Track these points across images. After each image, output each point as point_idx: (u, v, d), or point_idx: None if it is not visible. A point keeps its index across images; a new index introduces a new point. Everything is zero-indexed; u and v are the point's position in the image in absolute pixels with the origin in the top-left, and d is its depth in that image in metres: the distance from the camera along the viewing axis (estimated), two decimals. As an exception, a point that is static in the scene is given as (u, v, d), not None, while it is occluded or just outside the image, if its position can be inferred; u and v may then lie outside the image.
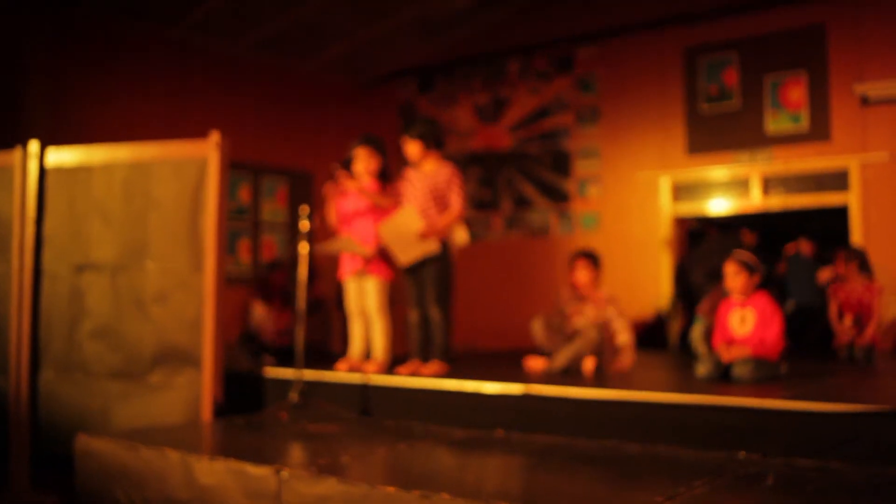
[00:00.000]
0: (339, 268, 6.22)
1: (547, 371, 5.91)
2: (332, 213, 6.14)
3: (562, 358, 5.88)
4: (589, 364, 5.83)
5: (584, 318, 6.09)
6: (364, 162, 6.05)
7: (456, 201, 5.92)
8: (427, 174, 5.98)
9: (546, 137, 9.90)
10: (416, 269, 5.93)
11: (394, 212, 5.96)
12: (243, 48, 9.73)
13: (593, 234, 9.36)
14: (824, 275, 7.72)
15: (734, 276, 5.57)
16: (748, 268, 5.56)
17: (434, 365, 5.82)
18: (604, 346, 5.94)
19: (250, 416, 5.46)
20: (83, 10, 8.44)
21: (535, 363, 6.08)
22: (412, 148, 5.99)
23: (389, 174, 6.26)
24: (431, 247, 5.82)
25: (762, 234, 9.17)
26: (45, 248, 5.96)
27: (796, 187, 8.45)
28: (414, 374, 5.69)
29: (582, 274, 6.15)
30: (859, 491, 3.44)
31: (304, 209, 5.69)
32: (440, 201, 5.92)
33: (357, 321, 6.19)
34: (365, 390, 5.55)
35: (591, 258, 6.23)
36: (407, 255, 5.87)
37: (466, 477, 4.01)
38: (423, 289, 5.95)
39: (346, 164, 6.02)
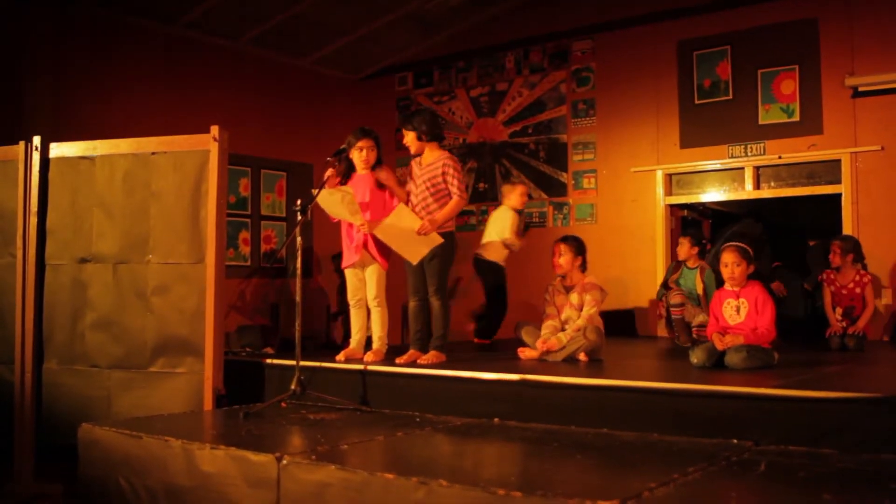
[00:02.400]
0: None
1: (541, 360, 5.97)
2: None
3: (558, 356, 5.93)
4: (582, 357, 5.89)
5: (571, 308, 6.13)
6: (365, 153, 6.08)
7: (454, 192, 5.92)
8: (425, 166, 6.01)
9: (542, 130, 9.95)
10: (413, 264, 6.01)
11: (388, 215, 5.98)
12: (243, 44, 9.76)
13: (589, 226, 9.42)
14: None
15: (734, 266, 5.59)
16: (746, 258, 5.60)
17: (431, 355, 5.88)
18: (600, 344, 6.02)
19: (251, 405, 5.51)
20: (85, 8, 8.45)
21: (529, 352, 6.14)
22: (407, 139, 6.03)
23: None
24: (436, 240, 5.84)
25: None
26: (48, 241, 6.02)
27: (788, 179, 8.51)
28: (412, 363, 5.77)
29: (562, 257, 6.17)
30: (850, 477, 3.47)
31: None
32: (439, 193, 5.93)
33: (357, 311, 6.24)
34: (363, 379, 5.61)
35: (571, 242, 6.22)
36: (415, 253, 5.90)
37: (464, 464, 4.07)
38: (424, 279, 6.00)
39: (339, 155, 6.04)
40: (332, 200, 5.92)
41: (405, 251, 5.92)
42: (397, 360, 5.84)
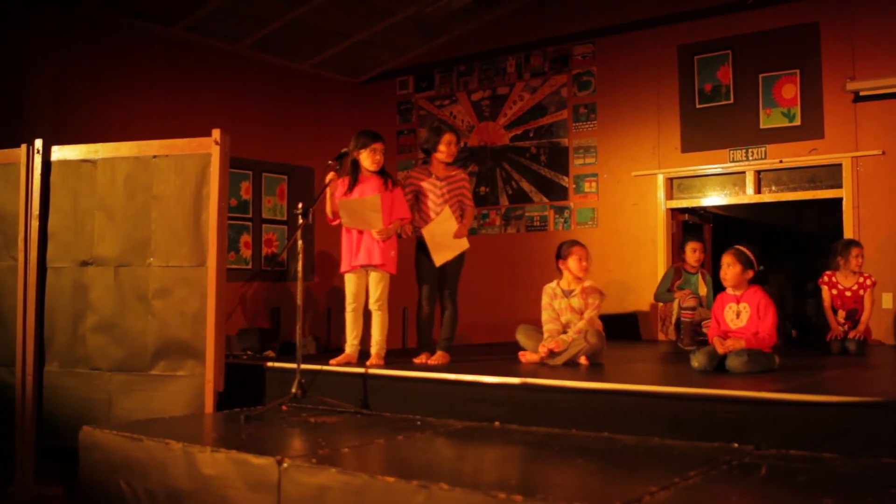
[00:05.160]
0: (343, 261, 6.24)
1: (541, 364, 5.97)
2: (329, 204, 6.08)
3: (559, 359, 5.93)
4: (583, 360, 5.90)
5: (571, 312, 6.14)
6: (378, 154, 6.09)
7: (471, 203, 6.43)
8: (444, 179, 6.32)
9: (543, 134, 9.96)
10: (436, 266, 6.23)
11: (393, 216, 6.06)
12: (244, 47, 9.77)
13: (590, 230, 9.43)
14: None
15: (726, 268, 5.61)
16: (742, 261, 5.60)
17: (439, 355, 6.12)
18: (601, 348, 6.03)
19: (251, 408, 5.52)
20: (86, 11, 8.47)
21: (530, 356, 6.15)
22: (455, 149, 6.36)
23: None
24: (465, 245, 6.26)
25: (757, 229, 9.21)
26: (49, 244, 6.01)
27: (790, 183, 8.52)
28: (423, 364, 5.93)
29: (582, 262, 6.18)
30: (851, 482, 3.47)
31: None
32: (459, 204, 6.33)
33: (354, 317, 6.22)
34: (364, 382, 5.61)
35: (585, 247, 6.28)
36: (444, 255, 6.20)
37: (464, 467, 4.06)
38: (441, 284, 6.32)
39: (341, 159, 6.03)
40: (355, 210, 5.93)
41: (438, 252, 6.19)
42: (414, 360, 6.08)
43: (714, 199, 8.97)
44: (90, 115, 8.36)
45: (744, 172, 8.69)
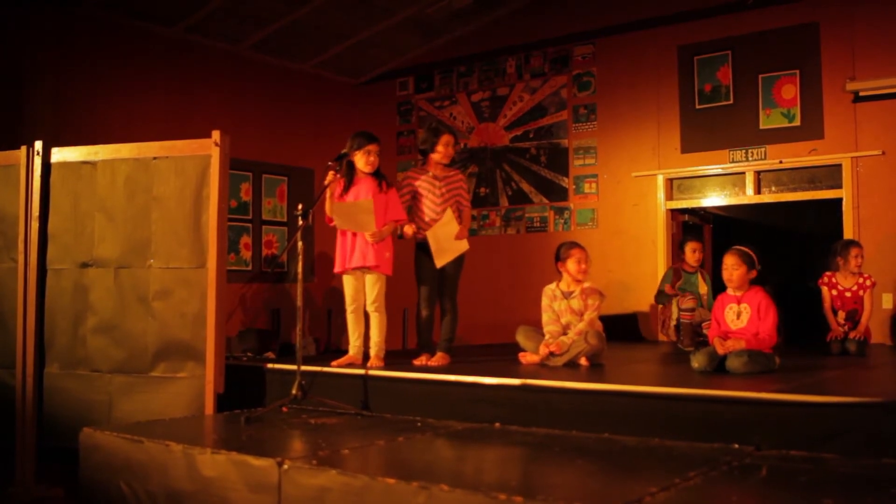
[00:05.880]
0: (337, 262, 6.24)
1: (542, 365, 5.97)
2: (329, 205, 6.06)
3: (560, 360, 5.93)
4: (583, 361, 5.90)
5: (571, 314, 6.15)
6: (373, 156, 6.10)
7: (468, 204, 6.48)
8: (442, 179, 6.33)
9: (543, 135, 9.96)
10: (437, 267, 6.24)
11: (388, 217, 6.07)
12: (244, 48, 9.77)
13: (590, 231, 9.43)
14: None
15: (732, 269, 5.61)
16: (746, 261, 5.60)
17: (439, 356, 6.16)
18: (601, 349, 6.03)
19: (252, 410, 5.52)
20: (86, 11, 8.47)
21: (530, 357, 6.15)
22: (453, 151, 6.41)
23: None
24: (465, 246, 6.28)
25: (757, 229, 9.20)
26: (49, 245, 6.01)
27: (790, 183, 8.52)
28: (423, 365, 5.95)
29: (581, 265, 6.19)
30: (852, 482, 3.47)
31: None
32: (457, 204, 6.36)
33: (356, 317, 6.23)
34: (364, 384, 5.61)
35: (584, 249, 6.29)
36: (446, 256, 6.20)
37: (465, 468, 4.06)
38: (441, 285, 6.32)
39: (341, 160, 6.03)
40: (348, 213, 5.93)
41: (440, 254, 6.19)
42: (414, 361, 6.07)
43: (714, 199, 8.97)
44: (90, 116, 8.35)
45: (743, 173, 8.69)
